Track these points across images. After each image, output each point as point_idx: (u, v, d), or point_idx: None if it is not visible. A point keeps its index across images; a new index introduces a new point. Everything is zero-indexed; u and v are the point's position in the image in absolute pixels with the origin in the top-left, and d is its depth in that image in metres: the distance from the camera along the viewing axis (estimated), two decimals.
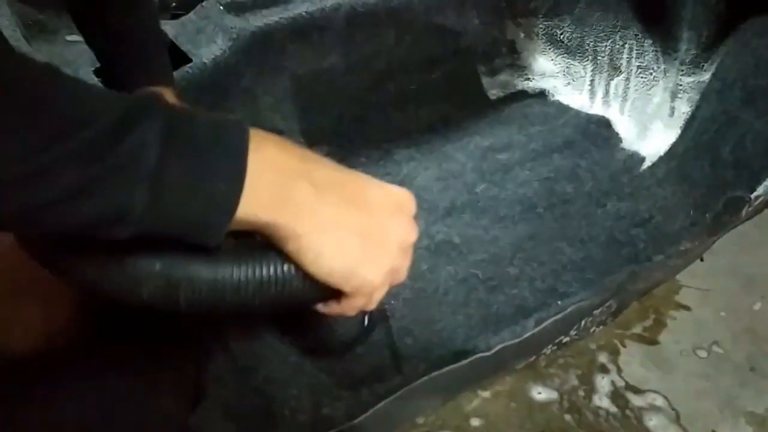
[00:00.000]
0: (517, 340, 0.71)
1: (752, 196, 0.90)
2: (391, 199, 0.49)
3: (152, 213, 0.38)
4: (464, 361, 0.66)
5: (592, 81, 1.25)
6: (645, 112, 1.17)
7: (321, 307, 0.52)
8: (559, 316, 0.74)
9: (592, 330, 0.91)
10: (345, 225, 0.45)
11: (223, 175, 0.39)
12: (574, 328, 0.83)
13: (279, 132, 1.07)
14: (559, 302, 0.76)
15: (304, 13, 1.04)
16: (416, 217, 0.50)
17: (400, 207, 0.49)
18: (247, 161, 0.40)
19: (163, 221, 0.39)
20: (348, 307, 0.50)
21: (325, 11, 1.06)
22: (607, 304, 0.84)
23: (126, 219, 0.38)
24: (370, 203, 0.47)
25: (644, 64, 1.17)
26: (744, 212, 0.92)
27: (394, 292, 0.88)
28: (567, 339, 0.86)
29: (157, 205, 0.38)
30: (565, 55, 1.27)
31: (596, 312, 0.83)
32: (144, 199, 0.37)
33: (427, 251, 0.94)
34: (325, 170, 0.45)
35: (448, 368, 0.65)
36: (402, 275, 0.51)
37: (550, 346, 0.86)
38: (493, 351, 0.69)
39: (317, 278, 0.45)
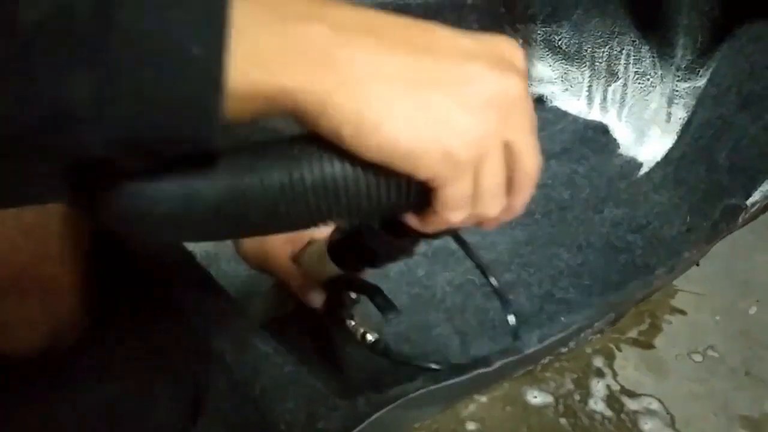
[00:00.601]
0: (518, 356, 0.71)
1: (748, 203, 0.90)
2: (476, 44, 0.34)
3: (108, 105, 0.27)
4: (465, 376, 0.66)
5: (589, 87, 1.25)
6: (642, 117, 1.18)
7: (411, 221, 0.39)
8: (563, 334, 0.73)
9: (589, 339, 0.91)
10: (393, 74, 0.32)
11: (194, 34, 0.27)
12: (574, 339, 0.84)
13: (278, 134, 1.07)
14: (563, 318, 0.76)
15: None
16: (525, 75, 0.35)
17: (491, 53, 0.35)
18: (228, 9, 0.28)
19: (128, 116, 0.28)
20: (444, 209, 0.36)
21: None
22: (607, 315, 0.85)
23: (73, 118, 0.27)
24: (435, 46, 0.34)
25: (641, 70, 1.18)
26: (741, 219, 0.92)
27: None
28: (566, 350, 0.86)
29: (109, 92, 0.27)
30: (563, 61, 1.27)
31: (596, 324, 0.84)
32: (88, 86, 0.27)
33: (425, 258, 0.94)
34: (353, 11, 0.33)
35: (447, 382, 0.65)
36: (523, 149, 0.36)
37: (548, 357, 0.86)
38: (494, 367, 0.69)
39: (372, 162, 0.33)
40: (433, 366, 0.71)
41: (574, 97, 1.27)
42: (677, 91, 1.11)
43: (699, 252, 0.96)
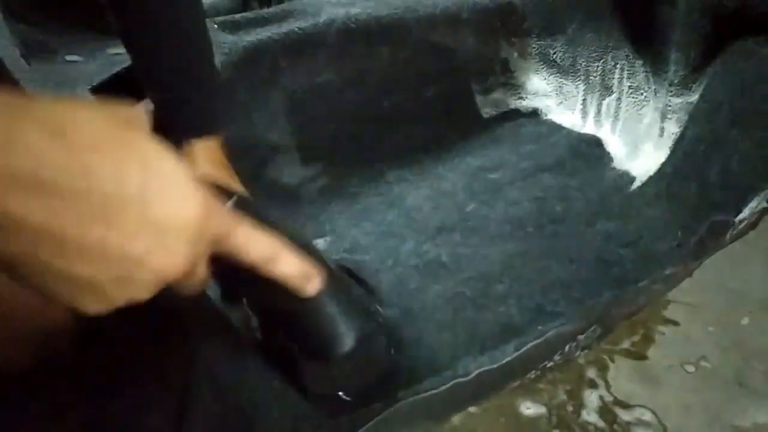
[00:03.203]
0: (496, 365, 0.71)
1: (737, 219, 0.91)
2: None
3: None
4: (442, 387, 0.67)
5: (584, 100, 1.26)
6: (636, 131, 1.18)
7: None
8: (540, 340, 0.74)
9: (577, 354, 0.91)
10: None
11: None
12: (558, 353, 0.84)
13: (275, 148, 1.08)
14: (539, 327, 0.77)
15: (297, 29, 1.05)
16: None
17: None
18: None
19: None
20: None
21: (319, 26, 1.06)
22: (592, 328, 0.85)
23: None
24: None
25: (635, 85, 1.18)
26: (728, 236, 0.93)
27: (381, 311, 0.89)
28: (551, 364, 0.87)
29: None
30: (558, 74, 1.28)
31: (580, 337, 0.84)
32: None
33: (416, 270, 0.95)
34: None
35: (424, 395, 0.65)
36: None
37: (534, 372, 0.87)
38: (471, 376, 0.69)
39: None
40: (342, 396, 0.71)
41: (569, 110, 1.28)
42: (670, 106, 1.11)
43: (688, 268, 0.97)
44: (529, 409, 1.14)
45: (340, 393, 0.67)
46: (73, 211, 0.30)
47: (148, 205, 0.32)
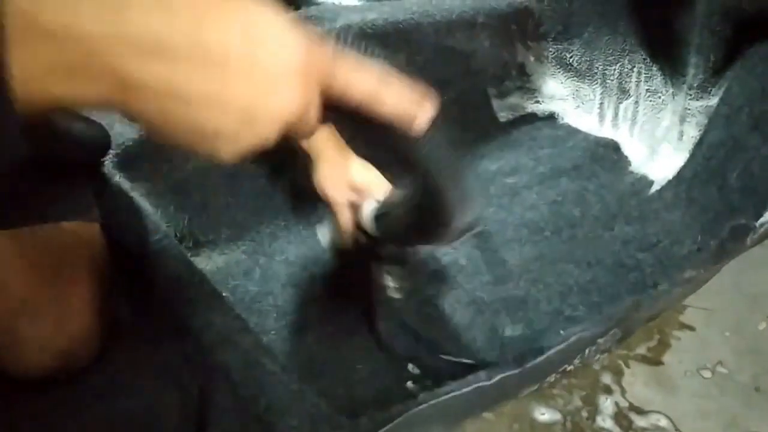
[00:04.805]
0: (518, 370, 0.71)
1: (757, 223, 0.90)
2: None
3: None
4: (465, 390, 0.67)
5: (601, 104, 1.26)
6: (654, 135, 1.18)
7: None
8: (563, 345, 0.74)
9: (596, 357, 0.91)
10: None
11: None
12: (578, 356, 0.84)
13: (295, 151, 1.08)
14: (562, 332, 0.76)
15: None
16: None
17: None
18: None
19: None
20: None
21: (335, 32, 1.06)
22: (612, 332, 0.85)
23: None
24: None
25: (653, 88, 1.18)
26: (749, 240, 0.92)
27: None
28: (571, 367, 0.87)
29: None
30: (575, 78, 1.27)
31: (600, 341, 0.84)
32: None
33: (434, 275, 0.95)
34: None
35: (446, 397, 0.65)
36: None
37: (554, 375, 0.86)
38: (494, 381, 0.69)
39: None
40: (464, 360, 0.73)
41: (586, 114, 1.28)
42: (689, 109, 1.11)
43: (708, 272, 0.96)
44: (544, 414, 1.13)
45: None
46: (185, 69, 0.33)
47: (253, 55, 0.35)
